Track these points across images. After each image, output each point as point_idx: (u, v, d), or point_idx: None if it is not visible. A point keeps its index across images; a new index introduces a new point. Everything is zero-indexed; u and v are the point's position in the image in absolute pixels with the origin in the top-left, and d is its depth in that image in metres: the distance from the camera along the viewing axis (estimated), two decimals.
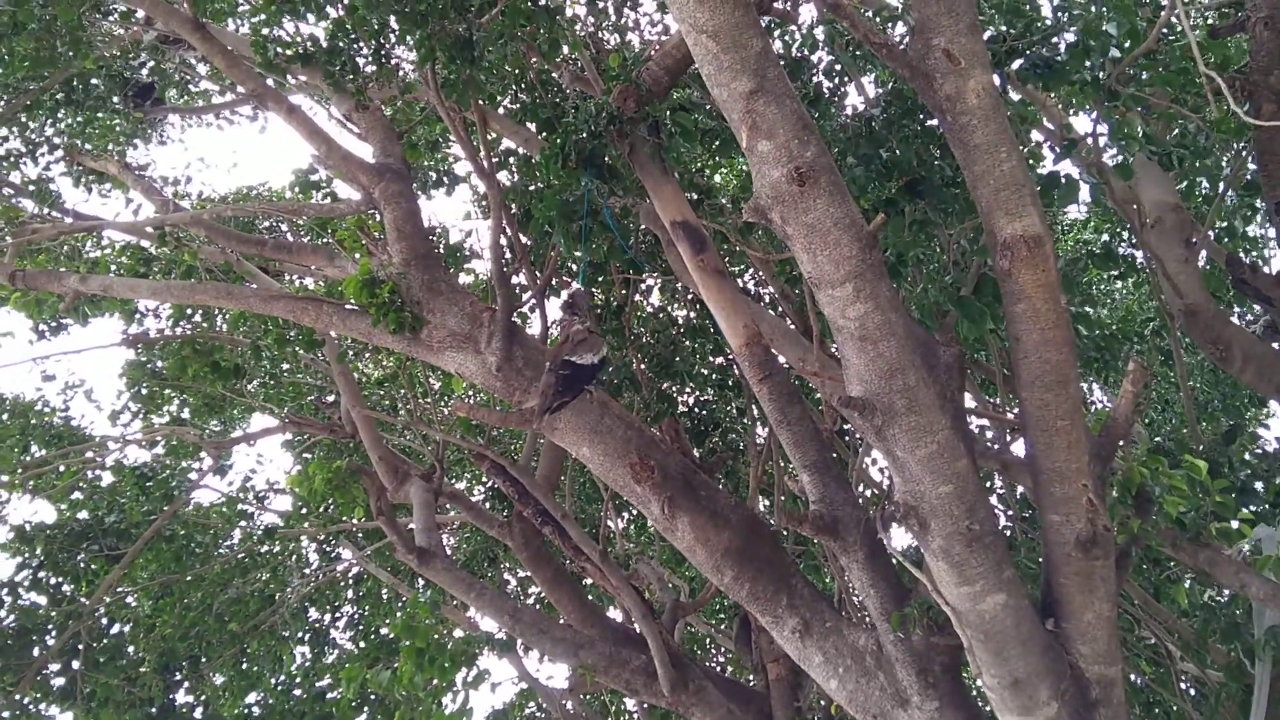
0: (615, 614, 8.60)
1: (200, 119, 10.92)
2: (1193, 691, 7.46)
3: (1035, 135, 7.72)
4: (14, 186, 8.67)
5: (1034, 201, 3.61)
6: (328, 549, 11.03)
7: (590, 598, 7.60)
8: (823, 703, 7.11)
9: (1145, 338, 10.90)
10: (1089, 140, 6.03)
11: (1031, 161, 7.08)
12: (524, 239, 6.79)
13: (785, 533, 7.07)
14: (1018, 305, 3.69)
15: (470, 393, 9.67)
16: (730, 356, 8.14)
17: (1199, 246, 7.27)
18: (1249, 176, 7.65)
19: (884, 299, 3.53)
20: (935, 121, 5.41)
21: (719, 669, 10.83)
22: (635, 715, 10.60)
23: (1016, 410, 4.24)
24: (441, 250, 7.73)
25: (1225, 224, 9.00)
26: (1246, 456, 6.18)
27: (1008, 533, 7.34)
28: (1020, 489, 7.54)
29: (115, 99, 9.08)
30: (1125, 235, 10.62)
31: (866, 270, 3.46)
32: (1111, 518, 4.00)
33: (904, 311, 3.67)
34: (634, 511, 10.93)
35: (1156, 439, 10.41)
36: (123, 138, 10.09)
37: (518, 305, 5.75)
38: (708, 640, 11.41)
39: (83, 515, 9.62)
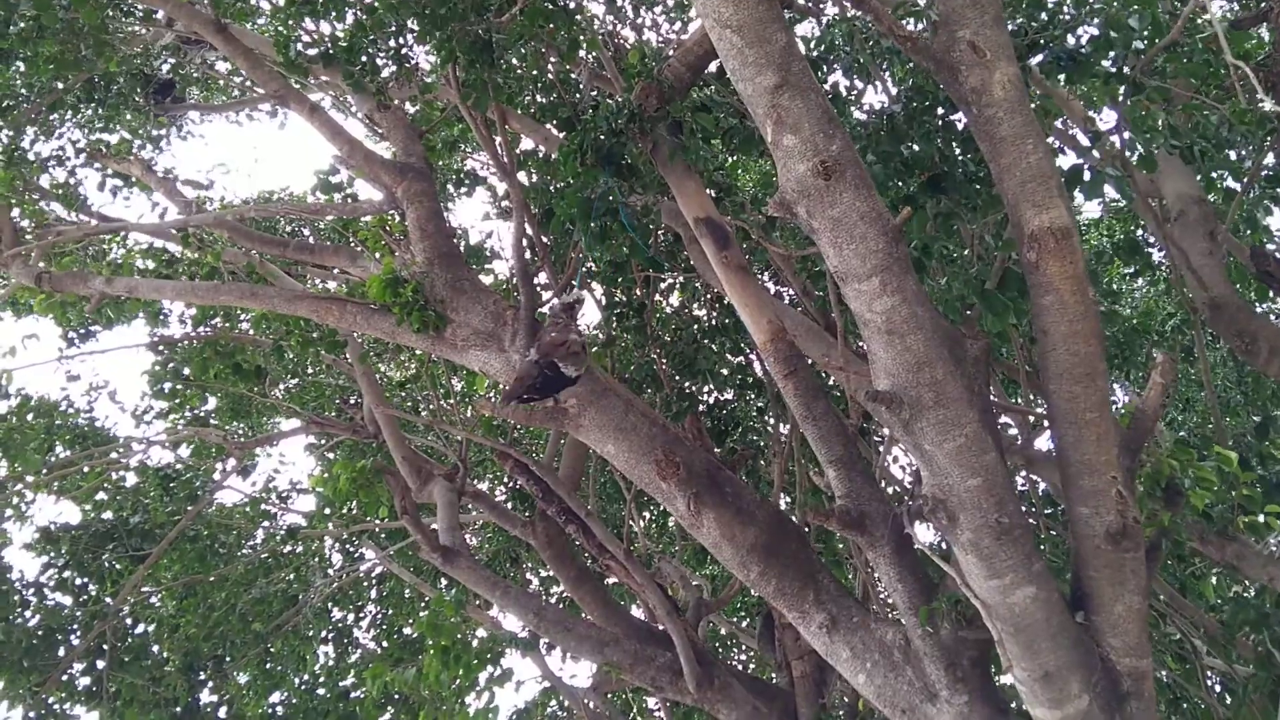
0: (638, 612, 8.61)
1: (220, 115, 10.97)
2: (1219, 687, 7.40)
3: (1053, 141, 7.66)
4: (41, 190, 8.72)
5: (1061, 193, 3.59)
6: (351, 549, 11.07)
7: (613, 596, 7.61)
8: (847, 700, 7.11)
9: (1166, 334, 10.83)
10: (1113, 136, 6.00)
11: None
12: (545, 238, 6.80)
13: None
14: (1045, 297, 3.67)
15: (493, 392, 9.68)
16: (751, 355, 8.13)
17: (1222, 239, 7.21)
18: (1268, 170, 7.59)
19: (911, 292, 3.52)
20: (956, 116, 5.41)
21: (742, 667, 10.82)
22: (658, 715, 10.60)
23: (1043, 405, 4.21)
24: (462, 250, 7.74)
25: (1247, 216, 8.92)
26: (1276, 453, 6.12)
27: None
28: (1043, 485, 7.50)
29: (136, 96, 9.11)
30: (1144, 233, 10.53)
31: (893, 264, 3.46)
32: (1140, 510, 3.98)
33: (930, 305, 3.65)
34: (655, 511, 10.93)
35: (1180, 433, 10.36)
36: (142, 136, 10.13)
37: (540, 303, 5.76)
38: (731, 638, 11.41)
39: (107, 516, 9.70)
